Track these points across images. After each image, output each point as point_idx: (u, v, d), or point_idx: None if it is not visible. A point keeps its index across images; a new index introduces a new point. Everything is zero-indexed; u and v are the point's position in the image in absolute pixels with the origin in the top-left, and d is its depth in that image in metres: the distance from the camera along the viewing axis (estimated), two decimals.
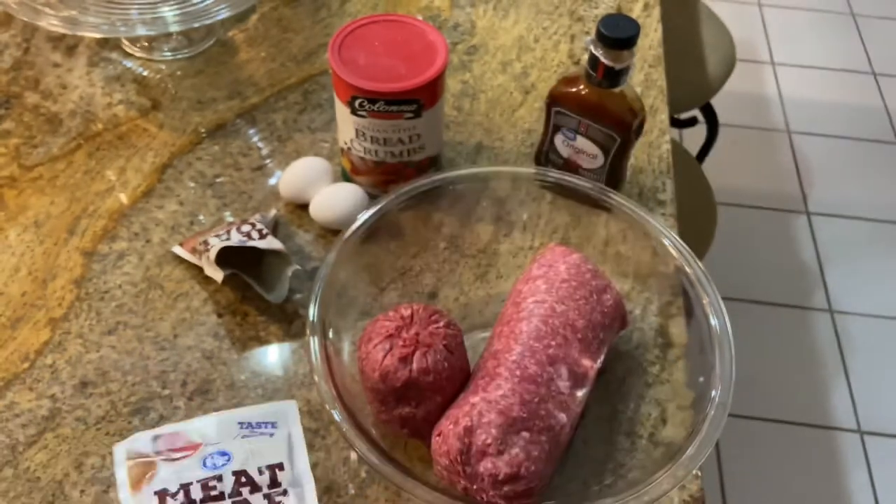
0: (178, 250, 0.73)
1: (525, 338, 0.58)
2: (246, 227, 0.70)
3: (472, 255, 0.73)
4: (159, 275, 0.72)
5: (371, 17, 0.72)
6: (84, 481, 0.59)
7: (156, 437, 0.52)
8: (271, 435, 0.53)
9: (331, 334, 0.60)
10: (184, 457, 0.50)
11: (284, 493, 0.49)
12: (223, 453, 0.50)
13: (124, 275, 0.72)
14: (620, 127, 0.70)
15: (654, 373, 0.66)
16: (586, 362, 0.59)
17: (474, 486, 0.54)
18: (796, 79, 2.24)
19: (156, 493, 0.49)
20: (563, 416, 0.56)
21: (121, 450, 0.52)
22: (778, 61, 2.28)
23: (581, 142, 0.73)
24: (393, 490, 0.60)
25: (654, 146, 0.85)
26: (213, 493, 0.48)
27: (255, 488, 0.48)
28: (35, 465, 0.60)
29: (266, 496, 0.48)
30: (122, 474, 0.51)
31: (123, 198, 0.78)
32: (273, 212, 0.76)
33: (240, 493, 0.48)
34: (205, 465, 0.50)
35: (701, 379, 0.60)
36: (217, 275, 0.68)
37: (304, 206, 0.76)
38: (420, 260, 0.71)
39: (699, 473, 0.61)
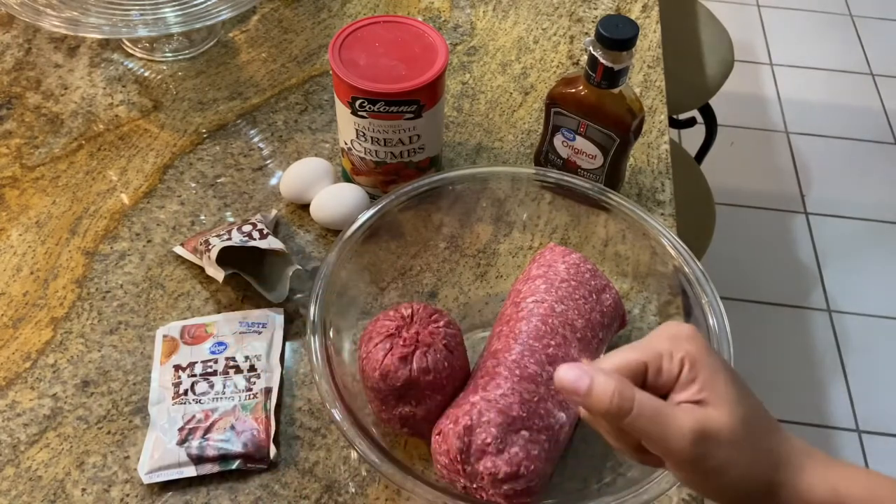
0: (179, 250, 0.73)
1: (524, 337, 0.58)
2: (247, 227, 0.70)
3: (472, 254, 0.73)
4: (160, 274, 0.72)
5: (371, 19, 0.72)
6: (85, 480, 0.60)
7: (184, 326, 0.67)
8: (259, 333, 0.67)
9: (331, 334, 0.60)
10: (197, 343, 0.66)
11: (258, 376, 0.64)
12: (221, 343, 0.66)
13: (126, 274, 0.72)
14: (619, 127, 0.71)
15: None
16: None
17: (474, 485, 0.54)
18: (794, 79, 2.24)
19: (174, 366, 0.65)
20: (562, 415, 0.56)
21: (160, 332, 0.67)
22: (776, 62, 2.29)
23: (580, 142, 0.73)
24: (393, 489, 0.60)
25: (652, 146, 0.86)
26: (209, 370, 0.64)
27: (238, 370, 0.64)
28: (37, 464, 0.60)
29: (245, 377, 0.64)
30: (157, 350, 0.66)
31: (125, 198, 0.78)
32: (274, 212, 0.77)
33: (227, 373, 0.64)
34: (210, 351, 0.65)
35: None
36: (218, 274, 0.68)
37: (304, 207, 0.76)
38: (420, 260, 0.71)
39: None
